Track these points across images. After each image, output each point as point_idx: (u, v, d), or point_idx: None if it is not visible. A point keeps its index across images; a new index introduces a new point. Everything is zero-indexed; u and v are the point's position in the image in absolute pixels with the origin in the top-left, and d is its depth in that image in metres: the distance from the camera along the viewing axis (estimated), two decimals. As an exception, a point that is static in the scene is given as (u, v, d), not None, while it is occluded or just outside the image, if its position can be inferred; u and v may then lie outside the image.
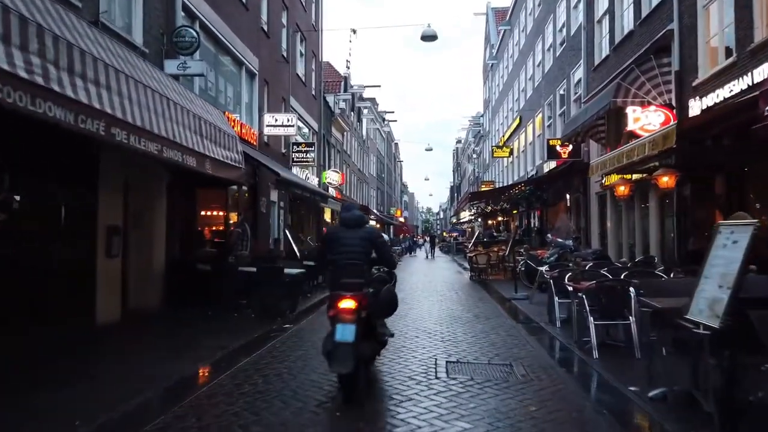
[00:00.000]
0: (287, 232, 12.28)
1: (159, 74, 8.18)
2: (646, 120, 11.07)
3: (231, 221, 13.87)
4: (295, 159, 20.13)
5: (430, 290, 14.92)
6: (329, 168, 27.59)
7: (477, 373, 5.89)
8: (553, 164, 20.67)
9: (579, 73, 18.47)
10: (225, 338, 7.76)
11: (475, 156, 55.22)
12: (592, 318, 6.61)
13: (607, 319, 6.85)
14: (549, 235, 14.80)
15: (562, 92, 20.71)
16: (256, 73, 16.42)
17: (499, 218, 36.81)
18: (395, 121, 71.93)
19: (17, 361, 5.96)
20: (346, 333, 4.92)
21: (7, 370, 5.59)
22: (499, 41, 37.40)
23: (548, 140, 18.20)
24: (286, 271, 10.41)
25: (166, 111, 7.51)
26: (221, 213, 14.49)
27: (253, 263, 10.93)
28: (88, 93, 5.67)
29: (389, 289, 5.90)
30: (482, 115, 51.67)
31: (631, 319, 6.56)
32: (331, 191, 27.68)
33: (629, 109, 11.34)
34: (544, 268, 11.63)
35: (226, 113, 13.47)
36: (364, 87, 45.05)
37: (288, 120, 16.66)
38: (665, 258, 12.01)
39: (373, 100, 55.38)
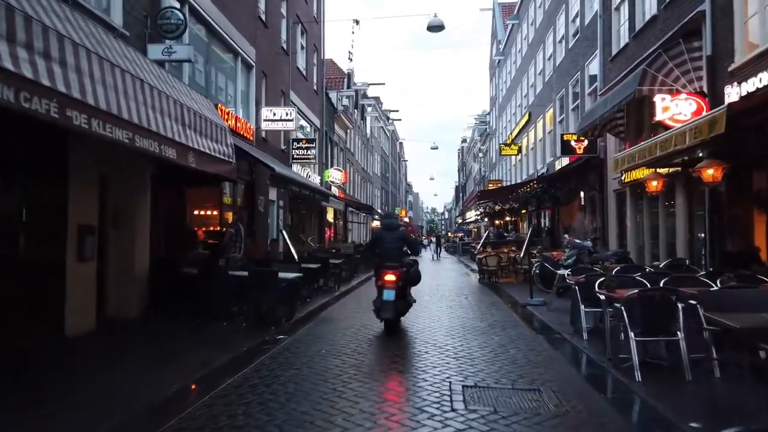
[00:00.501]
0: (284, 232, 11.30)
1: (135, 55, 7.25)
2: (677, 109, 10.08)
3: (228, 221, 12.98)
4: (295, 156, 19.20)
5: (438, 295, 13.96)
6: (332, 166, 26.66)
7: (500, 403, 4.91)
8: (566, 161, 19.70)
9: (594, 65, 17.47)
10: (209, 352, 6.84)
11: (481, 155, 54.22)
12: (632, 333, 5.64)
13: (648, 334, 5.86)
14: (566, 236, 13.82)
15: (575, 86, 19.71)
16: (253, 64, 15.50)
17: (507, 218, 35.79)
18: (400, 120, 71.00)
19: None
20: (389, 295, 8.07)
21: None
22: (507, 36, 36.39)
23: (562, 135, 17.21)
24: (281, 275, 9.47)
25: (140, 95, 6.58)
26: (215, 212, 13.60)
27: (247, 267, 10.00)
28: (35, 67, 4.74)
29: (416, 269, 9.12)
30: (488, 113, 50.69)
31: (679, 335, 5.58)
32: (334, 190, 26.75)
33: (657, 98, 10.35)
34: (564, 272, 10.67)
35: (219, 105, 12.57)
36: (368, 84, 44.14)
37: (287, 114, 15.73)
38: (694, 260, 11.02)
39: (377, 99, 54.46)
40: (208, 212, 13.01)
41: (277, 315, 9.36)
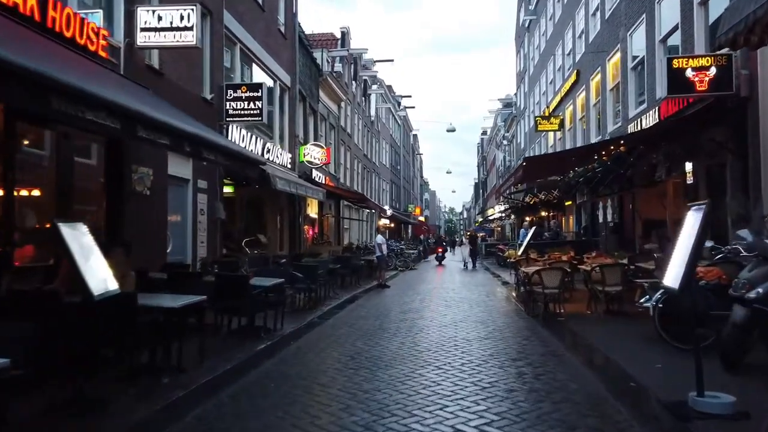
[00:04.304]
0: (58, 224, 4.54)
1: None
2: None
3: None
4: (230, 111, 12.27)
5: (456, 362, 6.97)
6: (310, 142, 19.65)
7: None
8: (648, 120, 12.61)
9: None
10: None
11: (506, 142, 46.90)
12: None
13: None
14: (740, 233, 6.62)
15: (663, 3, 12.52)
16: (120, -72, 8.62)
17: (543, 213, 28.51)
18: (413, 107, 63.85)
19: None
20: (441, 254, 32.43)
21: None
22: (541, -15, 29.18)
23: (670, 60, 9.99)
24: None
25: None
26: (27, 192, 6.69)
27: None
28: None
29: (446, 246, 42.95)
30: (515, 93, 43.41)
31: None
32: (316, 174, 19.79)
33: None
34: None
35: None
36: (374, 61, 37.27)
37: (182, 17, 8.77)
38: None
39: (390, 88, 47.54)
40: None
41: None
